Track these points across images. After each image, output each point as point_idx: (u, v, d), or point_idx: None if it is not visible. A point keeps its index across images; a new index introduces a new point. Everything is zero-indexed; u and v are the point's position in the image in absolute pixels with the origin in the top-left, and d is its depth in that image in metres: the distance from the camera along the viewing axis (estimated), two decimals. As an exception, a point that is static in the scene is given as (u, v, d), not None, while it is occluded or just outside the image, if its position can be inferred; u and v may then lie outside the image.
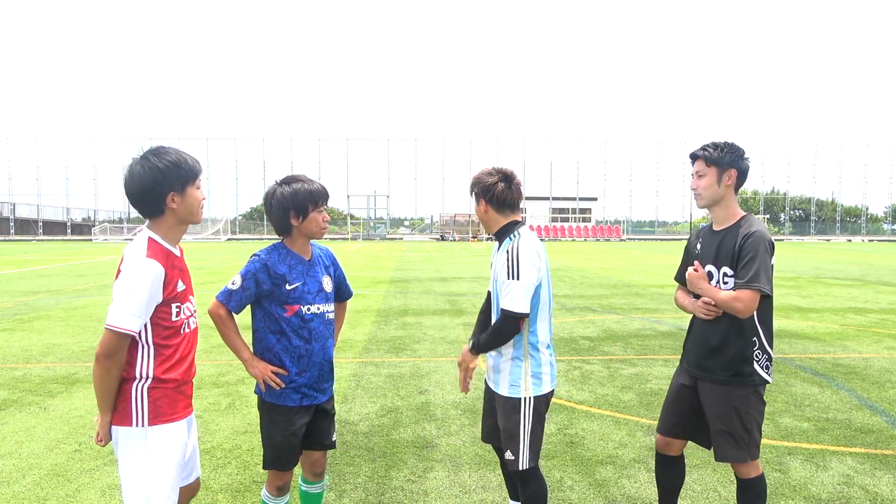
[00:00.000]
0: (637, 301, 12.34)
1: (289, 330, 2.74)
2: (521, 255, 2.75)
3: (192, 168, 2.32)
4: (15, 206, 60.70)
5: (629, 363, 6.98)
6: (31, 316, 10.18)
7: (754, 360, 2.77)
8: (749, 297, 2.64)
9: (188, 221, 2.37)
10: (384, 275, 18.28)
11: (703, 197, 2.87)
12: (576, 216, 64.59)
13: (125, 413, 2.25)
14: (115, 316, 2.16)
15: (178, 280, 2.31)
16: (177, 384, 2.33)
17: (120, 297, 2.17)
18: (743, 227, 2.78)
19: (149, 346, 2.26)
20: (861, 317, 10.37)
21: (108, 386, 2.22)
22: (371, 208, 66.49)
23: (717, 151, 2.83)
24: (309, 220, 2.74)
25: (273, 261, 2.71)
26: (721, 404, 2.80)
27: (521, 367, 2.84)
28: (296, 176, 2.81)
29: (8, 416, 5.11)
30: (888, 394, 5.75)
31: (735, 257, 2.74)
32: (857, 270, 20.30)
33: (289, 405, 2.76)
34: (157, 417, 2.27)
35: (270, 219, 2.79)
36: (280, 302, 2.71)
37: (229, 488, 3.77)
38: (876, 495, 3.67)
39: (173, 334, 2.31)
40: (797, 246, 44.99)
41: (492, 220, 2.94)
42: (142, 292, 2.17)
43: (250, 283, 2.68)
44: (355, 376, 6.37)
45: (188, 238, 53.08)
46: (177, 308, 2.30)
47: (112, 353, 2.18)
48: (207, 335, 8.55)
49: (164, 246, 2.30)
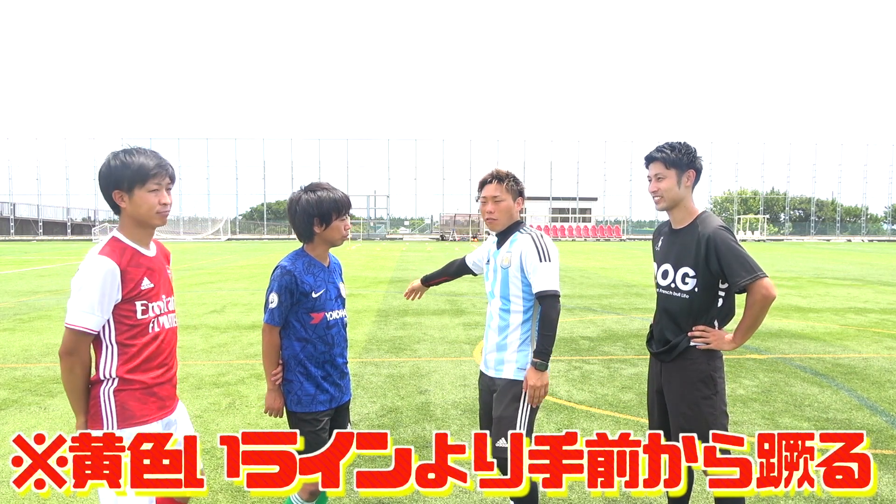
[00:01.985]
0: (637, 301, 12.34)
1: (314, 337, 2.80)
2: (548, 240, 2.96)
3: (140, 170, 2.26)
4: (15, 206, 60.67)
5: (629, 363, 6.98)
6: (31, 316, 10.18)
7: None
8: (762, 287, 2.64)
9: (143, 223, 2.34)
10: (384, 275, 18.28)
11: (664, 199, 2.87)
12: (576, 216, 64.58)
13: (97, 416, 2.27)
14: (70, 313, 2.22)
15: (144, 278, 2.31)
16: (145, 386, 2.31)
17: (73, 295, 2.22)
18: (700, 227, 2.78)
19: (112, 346, 2.28)
20: (861, 317, 10.37)
21: (74, 385, 2.25)
22: (371, 208, 66.48)
23: (675, 153, 2.82)
24: (332, 227, 2.82)
25: (299, 270, 2.76)
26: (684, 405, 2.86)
27: (528, 353, 2.93)
28: (320, 183, 2.87)
29: (8, 416, 5.11)
30: (888, 394, 5.76)
31: (702, 260, 2.73)
32: (857, 270, 20.30)
33: (319, 409, 2.83)
34: (125, 420, 2.26)
35: (294, 224, 2.84)
36: (307, 310, 2.78)
37: (229, 488, 3.77)
38: (876, 495, 3.67)
39: (138, 333, 2.30)
40: (797, 246, 44.99)
41: (515, 216, 3.07)
42: (93, 290, 2.19)
43: (286, 297, 2.73)
44: (355, 376, 6.37)
45: (188, 238, 53.07)
46: (142, 306, 2.30)
47: (71, 350, 2.22)
48: (208, 335, 8.55)
49: (126, 244, 2.31)
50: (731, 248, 2.69)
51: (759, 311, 2.68)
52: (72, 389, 2.26)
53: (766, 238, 60.36)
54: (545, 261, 2.87)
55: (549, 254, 2.89)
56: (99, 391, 2.27)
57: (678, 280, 2.83)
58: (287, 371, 2.82)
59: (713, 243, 2.70)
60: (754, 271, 2.64)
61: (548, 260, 2.87)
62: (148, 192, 2.30)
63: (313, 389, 2.81)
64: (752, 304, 2.68)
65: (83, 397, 2.27)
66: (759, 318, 2.70)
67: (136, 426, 2.27)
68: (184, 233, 55.79)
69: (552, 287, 2.84)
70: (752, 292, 2.67)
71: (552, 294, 2.83)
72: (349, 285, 15.14)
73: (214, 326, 9.24)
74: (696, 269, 2.76)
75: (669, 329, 2.88)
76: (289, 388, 2.82)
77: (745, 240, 56.20)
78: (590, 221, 64.28)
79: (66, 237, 59.02)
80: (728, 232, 2.75)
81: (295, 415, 2.83)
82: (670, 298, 2.89)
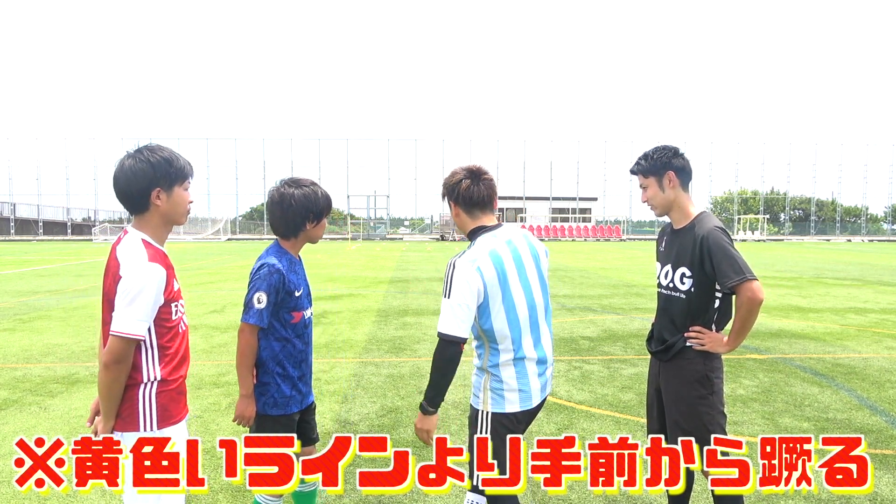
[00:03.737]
0: (637, 301, 12.34)
1: (293, 335, 2.74)
2: (456, 272, 2.45)
3: (182, 168, 2.32)
4: (15, 206, 60.66)
5: (629, 363, 6.98)
6: (31, 316, 10.18)
7: None
8: (748, 290, 2.64)
9: (172, 222, 2.35)
10: (384, 275, 18.28)
11: (655, 206, 2.94)
12: (576, 216, 64.57)
13: (131, 418, 2.24)
14: (122, 322, 2.15)
15: (174, 279, 2.33)
16: (178, 384, 2.34)
17: (127, 303, 2.15)
18: (697, 227, 2.80)
19: (153, 349, 2.26)
20: (861, 317, 10.37)
21: (117, 393, 2.21)
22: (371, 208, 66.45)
23: (647, 161, 2.89)
24: (320, 225, 2.80)
25: (285, 268, 2.69)
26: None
27: (482, 380, 2.63)
28: (300, 179, 2.79)
29: (8, 416, 5.11)
30: (888, 394, 5.76)
31: (697, 260, 2.75)
32: (857, 270, 20.30)
33: (293, 411, 2.78)
34: (165, 420, 2.27)
35: (284, 218, 2.72)
36: (290, 309, 2.71)
37: (229, 488, 3.77)
38: (876, 495, 3.67)
39: (175, 334, 2.32)
40: (797, 246, 44.99)
41: (465, 224, 2.66)
42: (149, 297, 2.17)
43: (273, 296, 2.64)
44: (355, 376, 6.37)
45: (188, 238, 53.09)
46: (175, 307, 2.32)
47: (121, 359, 2.17)
48: (208, 335, 8.55)
49: (158, 247, 2.30)
50: (723, 248, 2.70)
51: (747, 314, 2.68)
52: (113, 397, 2.21)
53: (766, 238, 60.34)
54: (445, 297, 2.47)
55: (450, 288, 2.44)
56: (137, 393, 2.24)
57: (677, 280, 2.85)
58: (263, 374, 2.72)
59: (706, 244, 2.72)
60: (742, 273, 2.64)
61: (446, 295, 2.45)
62: (184, 189, 2.34)
63: (289, 391, 2.74)
64: (740, 307, 2.69)
65: (119, 403, 2.25)
66: (748, 320, 2.70)
67: (172, 425, 2.30)
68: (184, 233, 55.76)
69: (441, 329, 2.45)
70: (739, 294, 2.68)
71: (442, 337, 2.45)
72: (350, 285, 15.15)
73: (214, 326, 9.24)
74: (692, 270, 2.78)
75: (667, 329, 2.90)
76: (263, 390, 2.72)
77: (746, 240, 56.23)
78: (590, 221, 64.26)
79: (66, 237, 59.01)
80: (723, 232, 2.76)
81: (270, 418, 2.73)
82: (670, 298, 2.91)
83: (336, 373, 6.53)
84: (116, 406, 2.24)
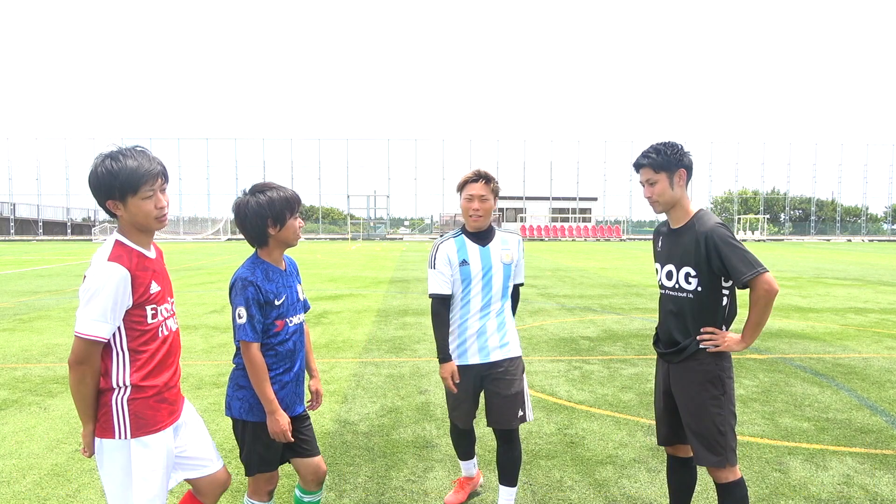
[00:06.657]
0: (637, 301, 12.34)
1: (276, 344, 2.69)
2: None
3: (130, 178, 2.15)
4: (15, 206, 60.67)
5: (629, 363, 6.98)
6: (31, 316, 10.18)
7: None
8: (764, 282, 2.62)
9: (143, 228, 2.26)
10: (384, 275, 18.28)
11: (660, 203, 2.86)
12: (576, 216, 64.58)
13: (108, 425, 2.21)
14: (81, 322, 2.12)
15: (151, 282, 2.25)
16: (157, 391, 2.27)
17: (84, 303, 2.12)
18: (697, 225, 2.77)
19: (123, 353, 2.21)
20: (861, 317, 10.37)
21: (84, 394, 2.18)
22: (371, 208, 66.47)
23: (661, 156, 2.80)
24: (287, 227, 2.70)
25: (259, 279, 2.63)
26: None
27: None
28: (266, 184, 2.74)
29: (8, 416, 5.11)
30: (888, 394, 5.76)
31: (703, 259, 2.72)
32: (857, 270, 20.30)
33: None
34: (139, 429, 2.22)
35: (245, 229, 2.69)
36: (272, 318, 2.67)
37: (229, 488, 3.76)
38: (876, 495, 3.67)
39: (150, 339, 2.26)
40: (797, 246, 44.99)
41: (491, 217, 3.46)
42: (105, 297, 2.11)
43: (254, 309, 2.60)
44: (355, 376, 6.37)
45: (188, 238, 53.06)
46: (152, 311, 2.25)
47: (82, 359, 2.15)
48: (208, 335, 8.55)
49: (132, 248, 2.24)
50: (731, 244, 2.68)
51: (765, 307, 2.66)
52: (82, 398, 2.19)
53: (766, 238, 60.35)
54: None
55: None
56: (111, 399, 2.20)
57: (681, 280, 2.81)
58: (243, 377, 2.68)
59: (712, 241, 2.69)
60: (754, 266, 2.62)
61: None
62: (142, 199, 2.19)
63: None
64: (757, 300, 2.66)
65: (93, 406, 2.21)
66: (765, 313, 2.67)
67: (148, 434, 2.24)
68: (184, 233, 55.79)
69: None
70: (755, 287, 2.65)
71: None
72: (350, 285, 15.15)
73: (214, 326, 9.23)
74: (697, 269, 2.75)
75: (678, 330, 2.84)
76: (242, 394, 2.67)
77: (746, 240, 56.18)
78: (590, 221, 64.29)
79: (66, 237, 59.02)
80: (725, 228, 2.74)
81: (247, 424, 2.67)
82: (676, 299, 2.86)
83: (336, 373, 6.53)
84: (89, 409, 2.20)
